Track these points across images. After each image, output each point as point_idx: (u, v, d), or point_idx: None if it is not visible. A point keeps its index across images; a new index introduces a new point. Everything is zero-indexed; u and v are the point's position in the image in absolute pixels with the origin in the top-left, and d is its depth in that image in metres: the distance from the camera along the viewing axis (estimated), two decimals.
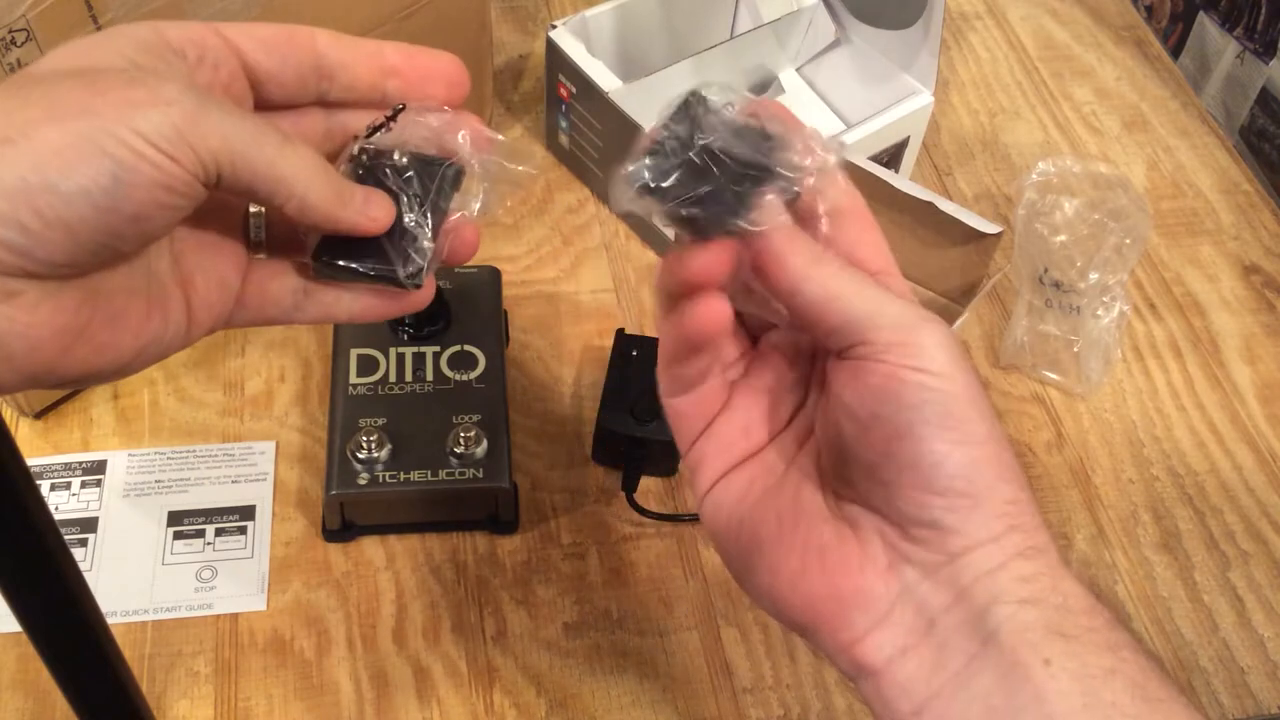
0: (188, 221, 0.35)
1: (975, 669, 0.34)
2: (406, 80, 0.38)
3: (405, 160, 0.37)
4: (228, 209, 0.37)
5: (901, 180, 0.67)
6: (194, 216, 0.35)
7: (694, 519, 0.65)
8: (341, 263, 0.37)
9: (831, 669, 0.60)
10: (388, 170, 0.37)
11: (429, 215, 0.37)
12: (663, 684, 0.59)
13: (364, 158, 0.37)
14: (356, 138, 0.38)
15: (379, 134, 0.38)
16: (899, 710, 0.35)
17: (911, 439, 0.34)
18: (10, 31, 0.52)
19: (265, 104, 0.37)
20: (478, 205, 0.38)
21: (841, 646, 0.36)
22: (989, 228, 0.66)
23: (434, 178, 0.38)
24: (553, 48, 0.76)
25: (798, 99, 0.84)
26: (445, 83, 0.38)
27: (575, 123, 0.78)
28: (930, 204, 0.66)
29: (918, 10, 0.74)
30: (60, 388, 0.33)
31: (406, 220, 0.37)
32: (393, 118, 0.38)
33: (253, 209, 0.38)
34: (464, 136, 0.38)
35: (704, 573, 0.63)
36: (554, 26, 0.76)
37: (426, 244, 0.37)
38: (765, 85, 0.85)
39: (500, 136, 0.38)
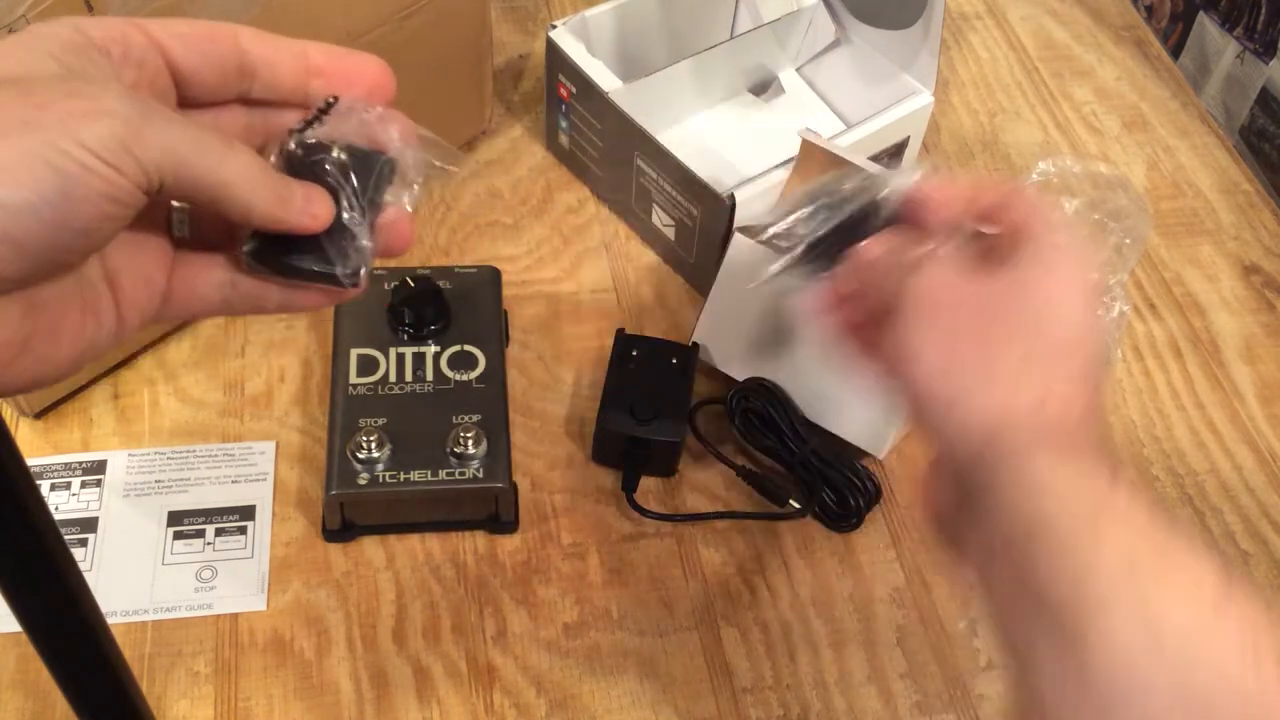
0: None
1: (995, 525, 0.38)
2: (330, 81, 0.38)
3: (341, 155, 0.37)
4: (151, 206, 0.36)
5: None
6: None
7: (694, 519, 0.65)
8: (279, 260, 0.37)
9: (831, 669, 0.60)
10: (325, 165, 0.37)
11: (365, 211, 0.37)
12: (663, 684, 0.59)
13: (299, 151, 0.37)
14: (291, 131, 0.37)
15: (311, 128, 0.37)
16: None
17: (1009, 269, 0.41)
18: (10, 31, 0.52)
19: (186, 101, 0.37)
20: (408, 198, 0.38)
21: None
22: None
23: (370, 172, 0.37)
24: (553, 48, 0.76)
25: (798, 99, 0.84)
26: (369, 85, 0.38)
27: (575, 123, 0.78)
28: None
29: (918, 10, 0.74)
30: (3, 394, 0.34)
31: (345, 217, 0.37)
32: (325, 111, 0.37)
33: (175, 204, 0.37)
34: (395, 131, 0.37)
35: (704, 573, 0.63)
36: (554, 26, 0.76)
37: (365, 242, 0.37)
38: (765, 85, 0.85)
39: (429, 133, 0.38)
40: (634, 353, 0.67)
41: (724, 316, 0.68)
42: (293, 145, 0.37)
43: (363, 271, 0.37)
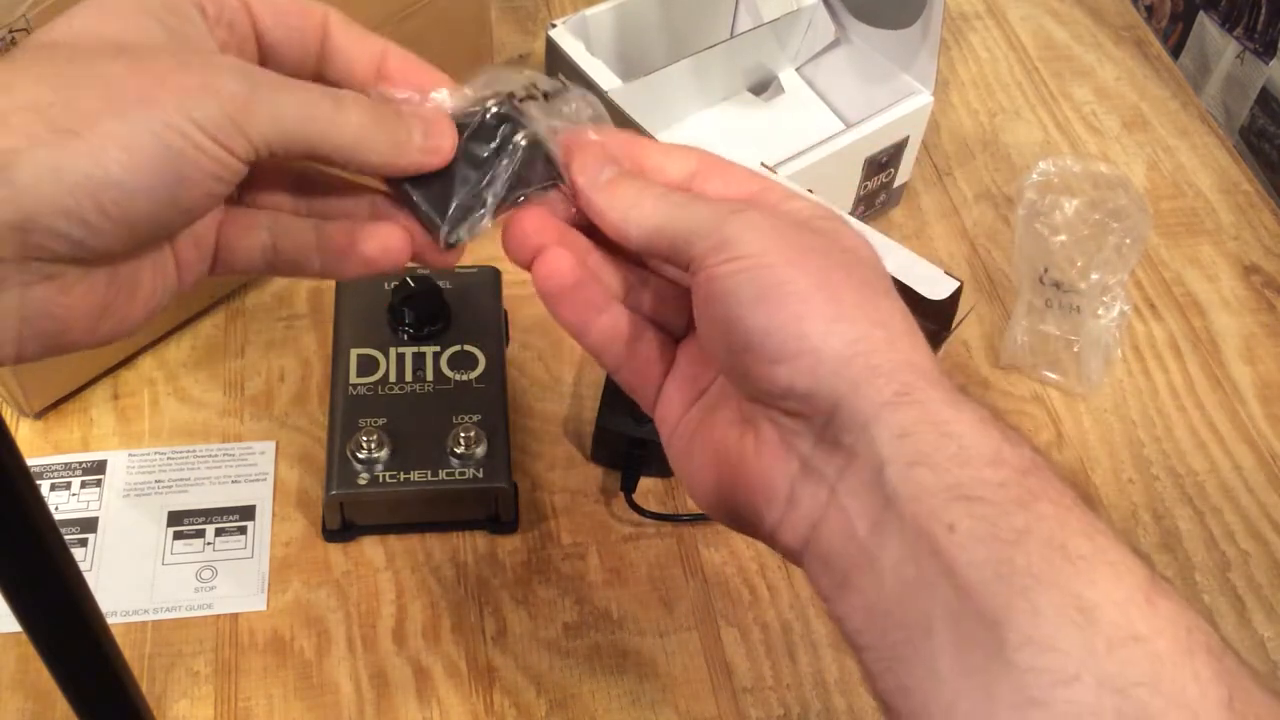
0: None
1: (882, 539, 0.32)
2: (394, 87, 0.38)
3: (523, 140, 0.37)
4: None
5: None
6: None
7: (694, 519, 0.65)
8: (400, 183, 0.37)
9: (831, 669, 0.60)
10: (503, 135, 0.37)
11: (505, 196, 0.37)
12: (663, 684, 0.59)
13: (501, 110, 0.37)
14: (512, 95, 0.38)
15: (529, 101, 0.38)
16: (825, 587, 0.34)
17: (736, 323, 0.34)
18: (10, 31, 0.52)
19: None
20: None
21: (769, 536, 0.36)
22: (940, 289, 0.61)
23: (534, 171, 0.38)
24: (553, 47, 0.76)
25: (797, 99, 0.84)
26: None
27: None
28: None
29: (917, 10, 0.74)
30: (85, 349, 0.35)
31: (486, 191, 0.37)
32: (550, 95, 0.38)
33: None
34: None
35: (704, 573, 0.63)
36: (554, 26, 0.76)
37: (485, 222, 0.37)
38: (765, 85, 0.85)
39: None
40: None
41: None
42: (498, 106, 0.37)
43: (461, 242, 0.37)
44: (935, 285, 0.62)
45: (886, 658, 0.32)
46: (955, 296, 0.62)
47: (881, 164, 0.77)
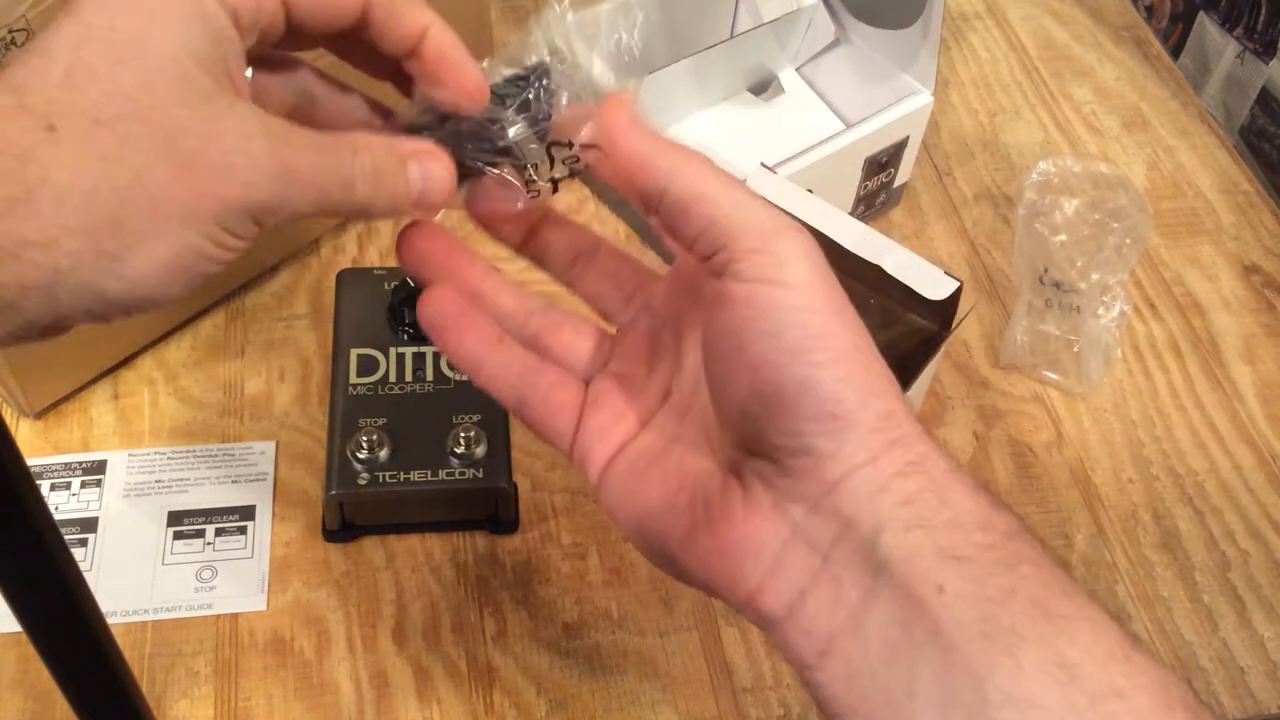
0: None
1: (872, 602, 0.32)
2: (422, 70, 0.38)
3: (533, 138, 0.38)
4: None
5: (853, 233, 0.63)
6: None
7: None
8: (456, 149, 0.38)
9: None
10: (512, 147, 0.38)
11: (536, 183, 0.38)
12: (663, 684, 0.59)
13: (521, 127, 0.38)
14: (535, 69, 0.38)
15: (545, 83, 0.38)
16: (806, 655, 0.33)
17: (772, 367, 0.33)
18: (10, 31, 0.52)
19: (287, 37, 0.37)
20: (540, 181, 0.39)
21: (743, 600, 0.35)
22: (940, 290, 0.61)
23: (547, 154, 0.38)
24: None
25: (797, 99, 0.84)
26: (461, 93, 0.38)
27: None
28: (877, 267, 0.62)
29: (917, 10, 0.74)
30: None
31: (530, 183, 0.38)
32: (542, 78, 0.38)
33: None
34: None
35: None
36: None
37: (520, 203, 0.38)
38: (765, 85, 0.85)
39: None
40: None
41: None
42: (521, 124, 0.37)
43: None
44: (935, 285, 0.61)
45: None
46: (955, 296, 0.62)
47: (881, 164, 0.77)
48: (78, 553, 0.61)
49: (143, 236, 0.31)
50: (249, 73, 0.36)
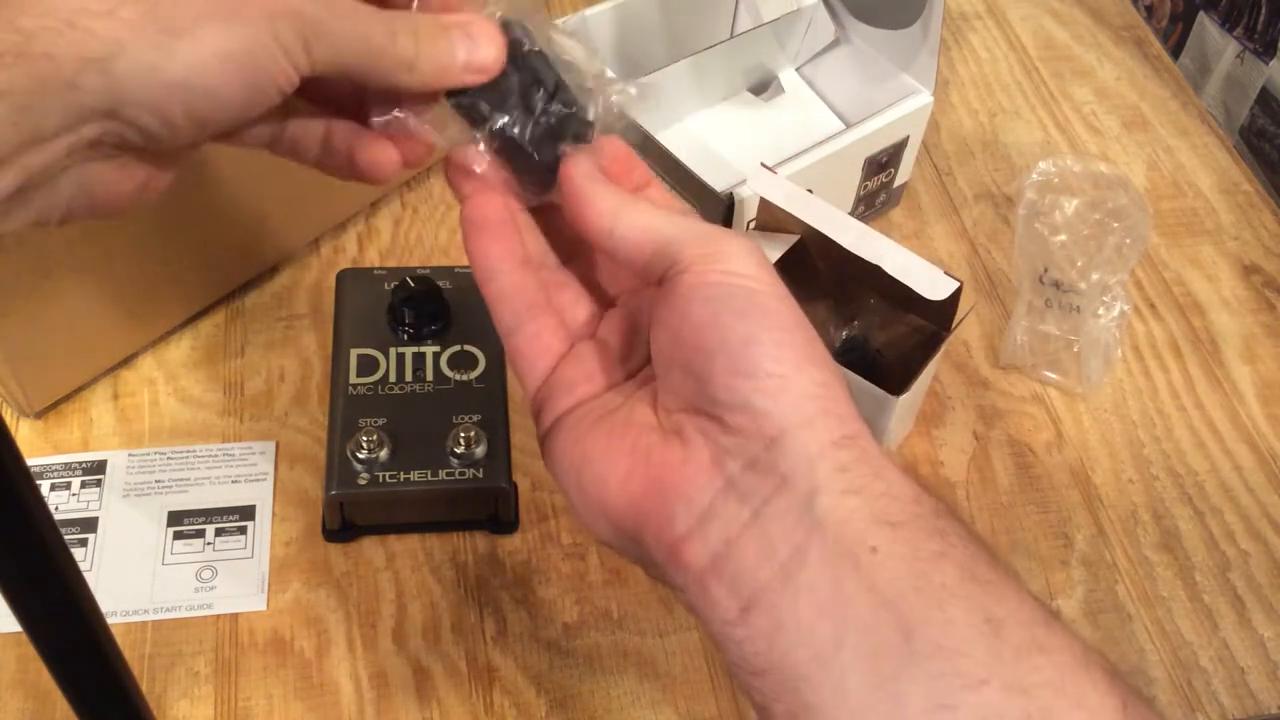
0: None
1: (802, 559, 0.33)
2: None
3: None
4: None
5: (853, 233, 0.63)
6: None
7: None
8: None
9: None
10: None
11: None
12: (663, 684, 0.59)
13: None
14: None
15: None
16: (728, 609, 0.34)
17: (717, 326, 0.35)
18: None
19: None
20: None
21: (668, 546, 0.36)
22: (940, 290, 0.61)
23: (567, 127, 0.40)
24: None
25: (797, 98, 0.85)
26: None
27: None
28: (877, 268, 0.62)
29: (917, 10, 0.74)
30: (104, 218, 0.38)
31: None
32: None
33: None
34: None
35: None
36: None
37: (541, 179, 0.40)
38: (765, 85, 0.85)
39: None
40: None
41: None
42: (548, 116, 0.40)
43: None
44: (935, 285, 0.62)
45: (789, 678, 0.33)
46: (955, 296, 0.62)
47: (881, 164, 0.77)
48: (78, 553, 0.61)
49: (199, 19, 0.32)
50: None
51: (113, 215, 0.36)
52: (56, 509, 0.62)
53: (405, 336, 0.65)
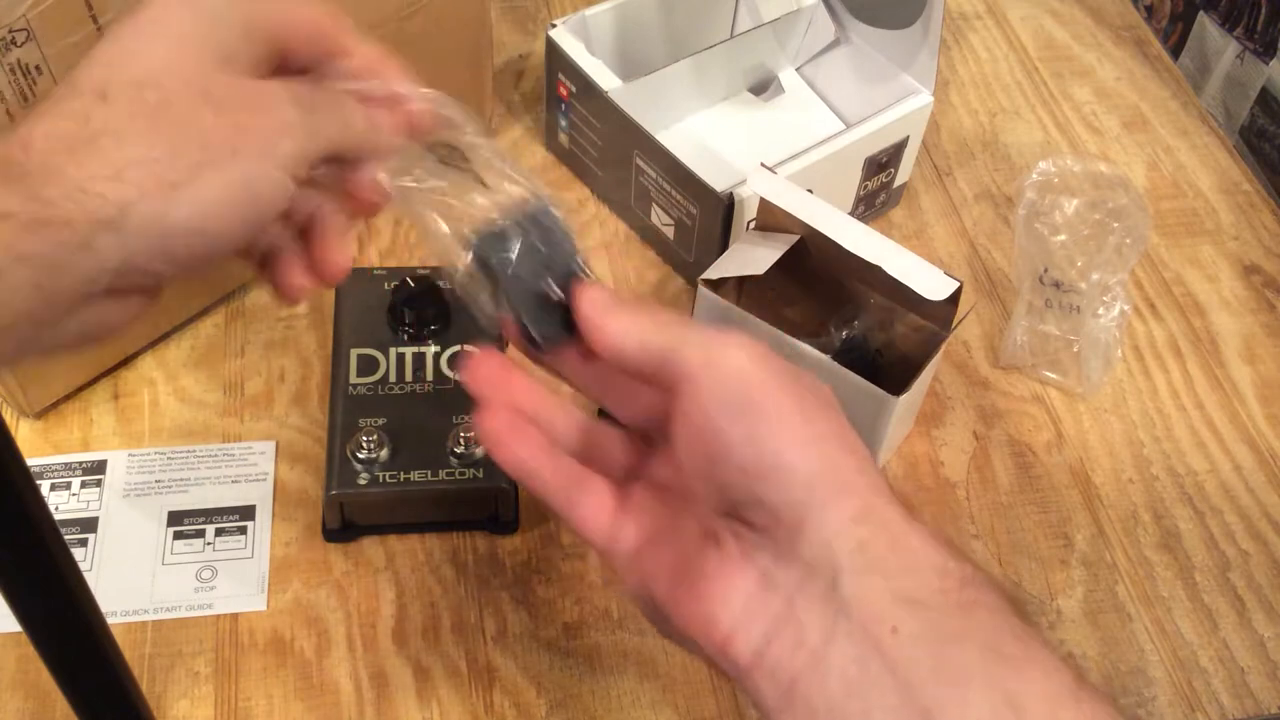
0: None
1: (831, 642, 0.35)
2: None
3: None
4: None
5: (852, 233, 0.64)
6: None
7: None
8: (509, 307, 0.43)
9: None
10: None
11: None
12: (663, 684, 0.59)
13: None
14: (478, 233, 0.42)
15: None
16: (771, 699, 0.36)
17: (719, 431, 0.37)
18: (10, 31, 0.52)
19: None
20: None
21: (717, 648, 0.37)
22: (940, 290, 0.61)
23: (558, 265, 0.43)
24: (552, 47, 0.76)
25: (797, 99, 0.85)
26: (397, 127, 0.43)
27: (575, 122, 0.78)
28: (877, 268, 0.62)
29: (917, 10, 0.74)
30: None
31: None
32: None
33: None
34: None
35: None
36: (554, 26, 0.76)
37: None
38: (765, 85, 0.85)
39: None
40: None
41: None
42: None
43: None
44: (935, 285, 0.62)
45: None
46: (955, 297, 0.62)
47: (881, 164, 0.77)
48: (78, 553, 0.61)
49: (199, 167, 0.34)
50: None
51: (106, 340, 0.38)
52: (56, 509, 0.62)
53: (405, 336, 0.65)
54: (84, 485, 0.64)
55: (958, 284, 0.61)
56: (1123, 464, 0.70)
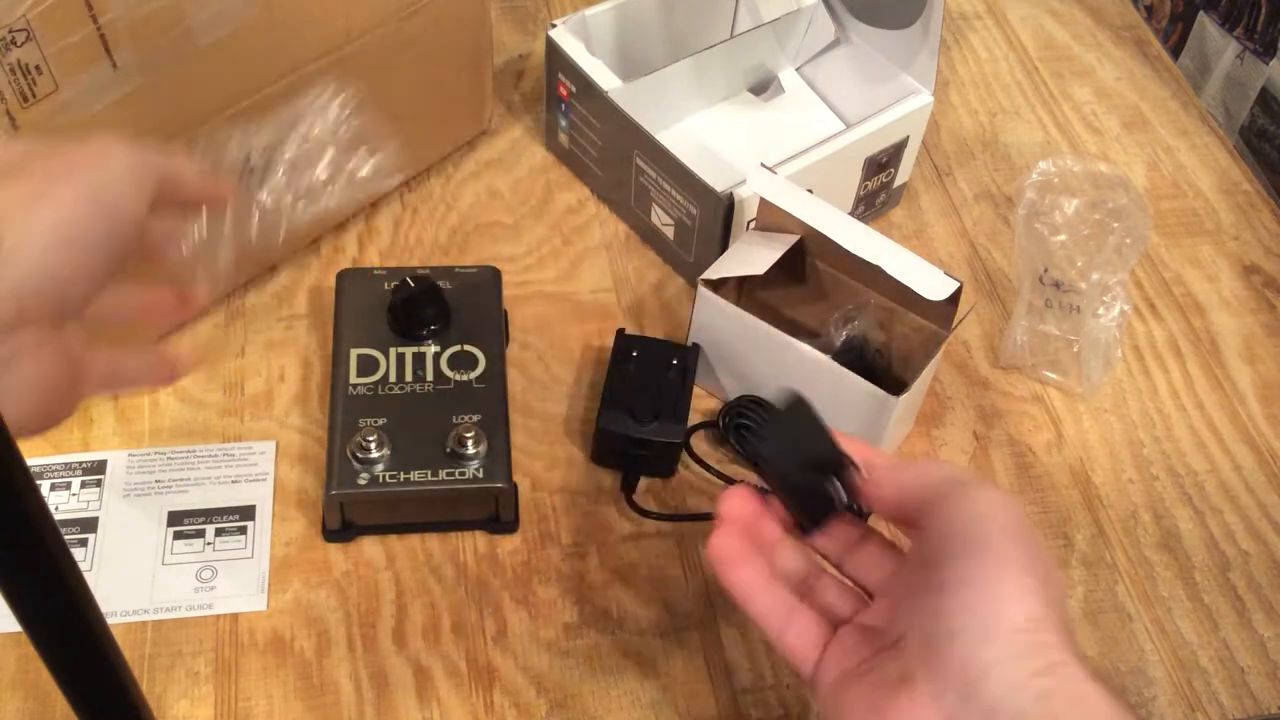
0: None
1: None
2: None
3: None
4: None
5: (852, 233, 0.64)
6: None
7: (695, 519, 0.65)
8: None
9: None
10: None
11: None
12: (663, 684, 0.59)
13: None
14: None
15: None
16: None
17: (936, 569, 0.41)
18: (10, 31, 0.52)
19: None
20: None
21: None
22: (940, 290, 0.61)
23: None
24: (552, 47, 0.76)
25: (797, 99, 0.85)
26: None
27: (575, 122, 0.78)
28: (877, 268, 0.62)
29: (917, 10, 0.74)
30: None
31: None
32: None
33: None
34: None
35: (704, 573, 0.63)
36: (554, 26, 0.76)
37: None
38: (765, 85, 0.85)
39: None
40: (634, 353, 0.67)
41: (708, 349, 0.68)
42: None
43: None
44: (935, 285, 0.62)
45: None
46: (955, 297, 0.62)
47: (881, 164, 0.77)
48: (77, 553, 0.61)
49: (50, 181, 0.41)
50: None
51: (61, 416, 0.43)
52: (56, 509, 0.62)
53: (405, 336, 0.65)
54: (84, 485, 0.64)
55: (958, 284, 0.61)
56: (1123, 464, 0.70)
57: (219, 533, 0.62)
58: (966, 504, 0.42)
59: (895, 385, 0.62)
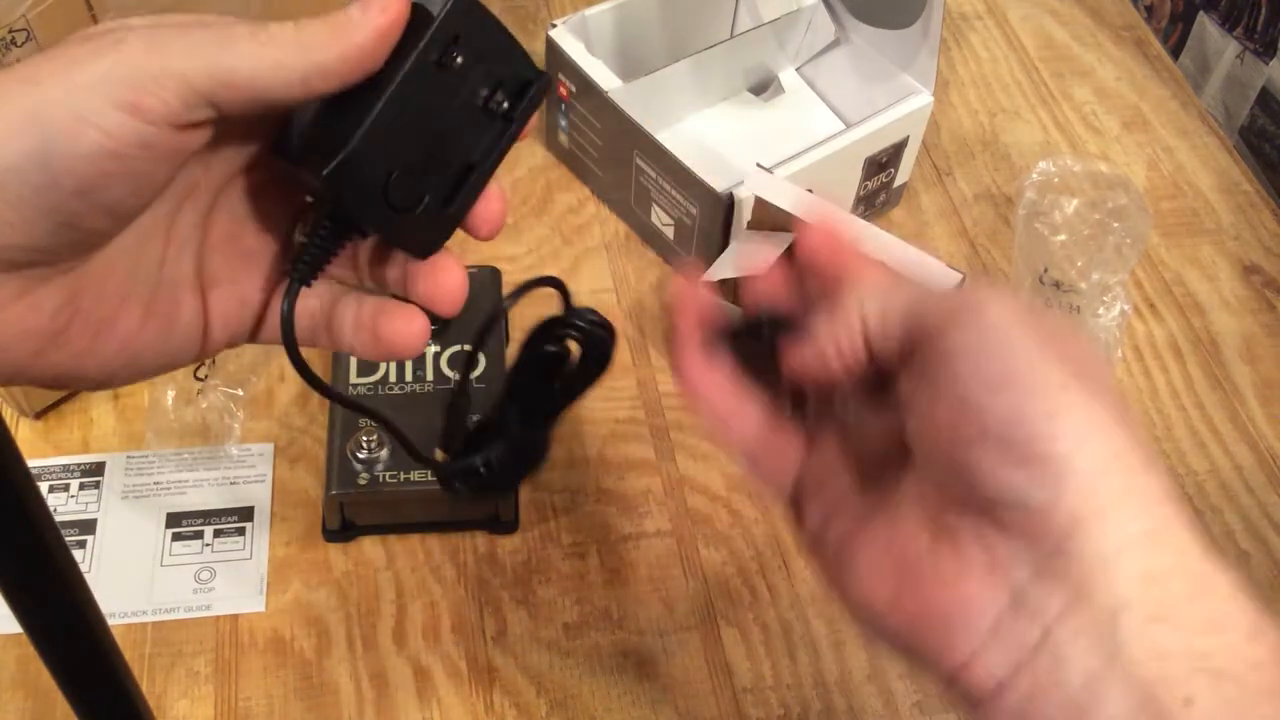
0: (225, 224, 0.34)
1: (1098, 697, 0.28)
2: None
3: None
4: (269, 219, 0.35)
5: (853, 227, 0.64)
6: (233, 220, 0.33)
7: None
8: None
9: (831, 669, 0.60)
10: None
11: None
12: (663, 684, 0.59)
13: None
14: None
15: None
16: None
17: (973, 405, 0.29)
18: (10, 31, 0.52)
19: None
20: None
21: (951, 673, 0.30)
22: (944, 282, 0.61)
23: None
24: (552, 47, 0.76)
25: (797, 99, 0.84)
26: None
27: (575, 122, 0.78)
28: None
29: (917, 10, 0.74)
30: (33, 386, 0.31)
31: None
32: None
33: (298, 237, 0.35)
34: None
35: (704, 573, 0.63)
36: (554, 26, 0.76)
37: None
38: (765, 85, 0.85)
39: None
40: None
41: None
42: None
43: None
44: (938, 278, 0.62)
45: None
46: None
47: (881, 164, 0.77)
48: (76, 554, 0.61)
49: None
50: None
51: (26, 379, 0.32)
52: (55, 511, 0.62)
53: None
54: (82, 487, 0.64)
55: (961, 275, 0.61)
56: None
57: (217, 534, 0.62)
58: (983, 322, 0.30)
59: None
